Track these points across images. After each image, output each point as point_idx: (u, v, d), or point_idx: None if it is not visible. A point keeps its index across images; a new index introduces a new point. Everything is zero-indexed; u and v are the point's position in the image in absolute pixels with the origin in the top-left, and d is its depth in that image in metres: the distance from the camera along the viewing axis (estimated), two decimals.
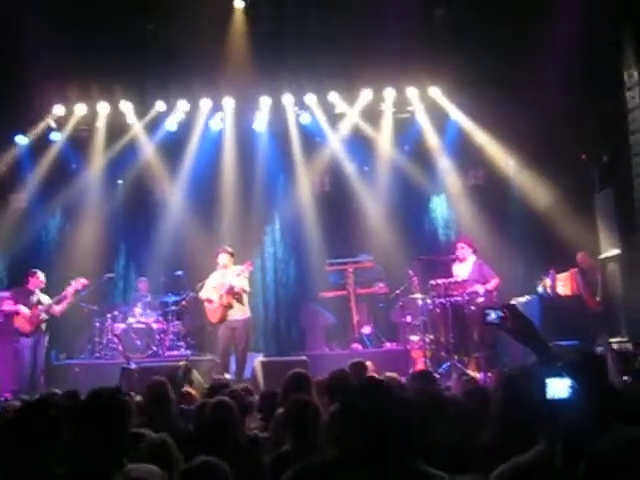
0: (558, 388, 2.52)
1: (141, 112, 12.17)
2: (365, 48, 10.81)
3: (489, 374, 8.41)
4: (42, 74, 10.87)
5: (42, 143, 12.18)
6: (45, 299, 10.15)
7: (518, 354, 8.59)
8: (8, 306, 10.06)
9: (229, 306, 9.55)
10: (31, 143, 12.12)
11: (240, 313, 9.61)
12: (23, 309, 9.95)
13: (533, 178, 11.89)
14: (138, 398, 5.21)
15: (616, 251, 10.48)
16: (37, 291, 10.16)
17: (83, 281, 10.27)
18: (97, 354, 11.32)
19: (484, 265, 9.99)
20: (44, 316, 10.01)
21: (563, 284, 10.52)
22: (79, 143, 12.47)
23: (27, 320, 9.91)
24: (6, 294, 10.43)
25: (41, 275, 10.24)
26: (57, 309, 10.10)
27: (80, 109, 11.96)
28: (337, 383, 4.74)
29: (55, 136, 12.21)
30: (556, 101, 10.78)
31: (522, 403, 3.19)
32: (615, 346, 8.43)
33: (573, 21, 9.91)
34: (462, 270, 10.02)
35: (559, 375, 2.52)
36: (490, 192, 12.44)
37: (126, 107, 12.00)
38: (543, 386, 2.52)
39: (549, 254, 11.30)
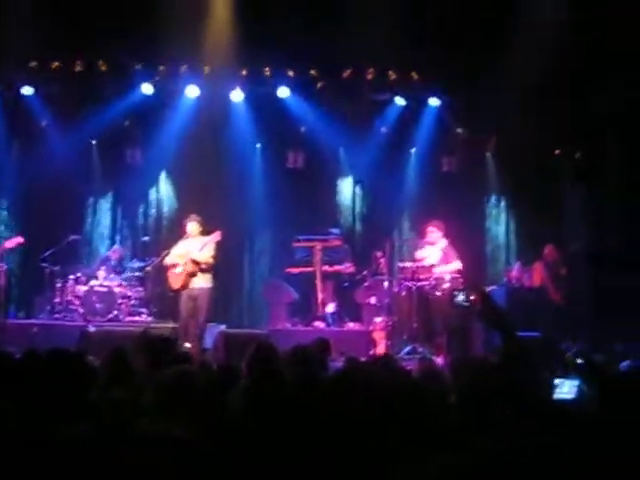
0: None
1: (118, 73, 11.93)
2: (348, 27, 10.71)
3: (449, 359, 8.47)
4: (18, 27, 10.62)
5: (13, 97, 11.92)
6: None
7: (484, 342, 8.66)
8: None
9: (193, 274, 9.47)
10: (2, 96, 11.87)
11: (203, 282, 9.53)
12: None
13: (507, 170, 11.95)
14: (96, 361, 5.14)
15: (582, 246, 10.61)
16: None
17: (18, 240, 10.03)
18: (56, 315, 11.16)
19: (451, 249, 10.03)
20: None
21: (529, 276, 10.62)
22: (51, 100, 12.20)
23: None
24: None
25: None
26: None
27: (55, 65, 11.67)
28: (299, 357, 4.73)
29: (27, 91, 11.93)
30: (532, 95, 10.81)
31: (477, 394, 3.20)
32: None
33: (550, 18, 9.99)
34: (432, 254, 10.05)
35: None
36: (462, 180, 12.47)
37: (103, 67, 11.75)
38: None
39: (517, 245, 11.40)
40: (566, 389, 2.55)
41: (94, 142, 12.57)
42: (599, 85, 10.45)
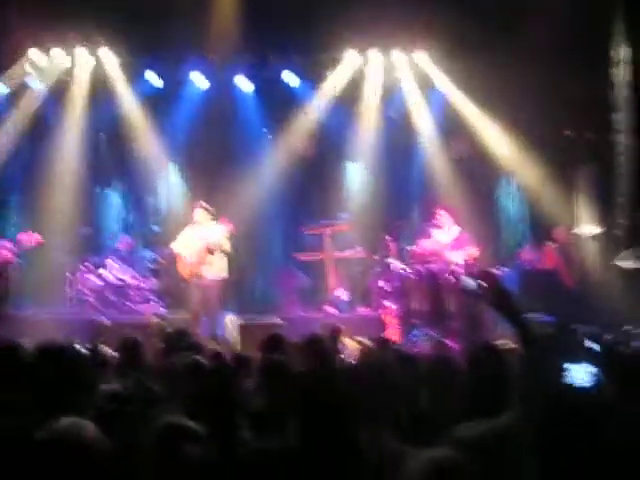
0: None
1: (124, 63, 11.90)
2: (352, 9, 10.63)
3: (461, 344, 8.44)
4: (21, 17, 10.59)
5: (19, 89, 11.89)
6: None
7: (497, 326, 8.60)
8: None
9: (204, 262, 9.42)
10: (10, 89, 11.84)
11: (216, 272, 9.47)
12: None
13: (518, 152, 11.86)
14: (109, 352, 5.18)
15: (595, 228, 10.55)
16: None
17: (38, 240, 10.01)
18: (67, 306, 11.17)
19: (464, 235, 9.99)
20: None
21: (541, 259, 10.57)
22: (56, 91, 12.15)
23: None
24: None
25: None
26: None
27: (57, 54, 11.59)
28: (313, 347, 4.73)
29: (32, 82, 11.88)
30: (542, 75, 10.73)
31: (491, 380, 3.18)
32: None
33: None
34: (441, 238, 10.01)
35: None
36: (472, 163, 12.39)
37: (106, 56, 11.70)
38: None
39: (530, 228, 11.34)
40: (580, 374, 2.51)
41: (102, 133, 12.56)
42: (607, 69, 10.40)
